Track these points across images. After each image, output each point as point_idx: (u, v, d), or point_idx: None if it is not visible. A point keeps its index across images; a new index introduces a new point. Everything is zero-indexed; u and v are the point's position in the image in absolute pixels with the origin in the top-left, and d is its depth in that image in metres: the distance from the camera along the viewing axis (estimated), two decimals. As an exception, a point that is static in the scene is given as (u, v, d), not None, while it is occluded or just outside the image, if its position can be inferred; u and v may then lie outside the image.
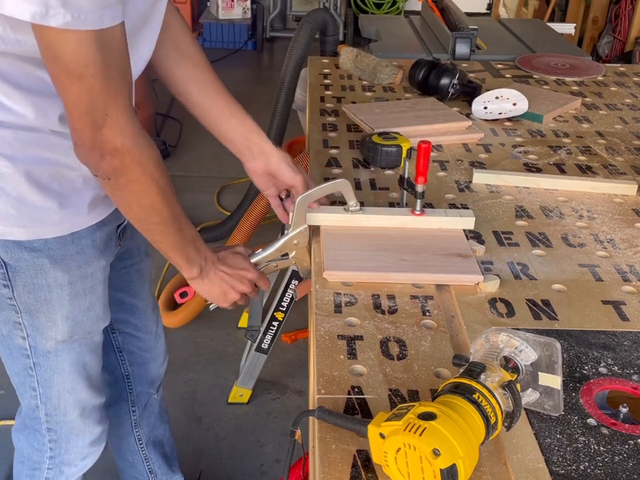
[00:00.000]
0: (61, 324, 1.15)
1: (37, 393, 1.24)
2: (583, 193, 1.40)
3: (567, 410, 0.84)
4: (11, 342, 1.17)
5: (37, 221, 1.05)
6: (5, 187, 1.02)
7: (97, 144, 0.91)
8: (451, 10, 2.71)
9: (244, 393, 2.26)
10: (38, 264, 1.08)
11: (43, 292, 1.11)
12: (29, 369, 1.20)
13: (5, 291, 1.10)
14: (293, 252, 1.21)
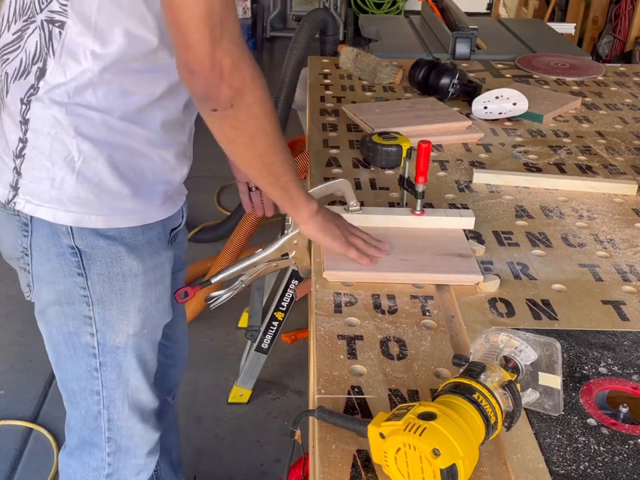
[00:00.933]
0: (133, 316, 1.11)
1: (101, 397, 1.17)
2: (583, 192, 1.40)
3: (567, 410, 0.84)
4: (77, 340, 1.11)
5: (114, 209, 1.03)
6: (86, 171, 0.99)
7: (217, 60, 0.86)
8: (451, 10, 2.71)
9: (244, 392, 2.26)
10: (114, 251, 1.05)
11: (117, 281, 1.07)
12: (93, 371, 1.14)
13: (78, 280, 1.05)
14: (292, 252, 1.21)
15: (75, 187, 0.99)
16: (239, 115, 0.92)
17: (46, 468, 2.00)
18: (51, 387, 2.31)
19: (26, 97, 0.97)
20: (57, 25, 0.94)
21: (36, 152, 0.98)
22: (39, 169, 0.98)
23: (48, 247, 1.03)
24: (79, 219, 1.01)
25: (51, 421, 2.17)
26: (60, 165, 0.98)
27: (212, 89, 0.89)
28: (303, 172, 1.82)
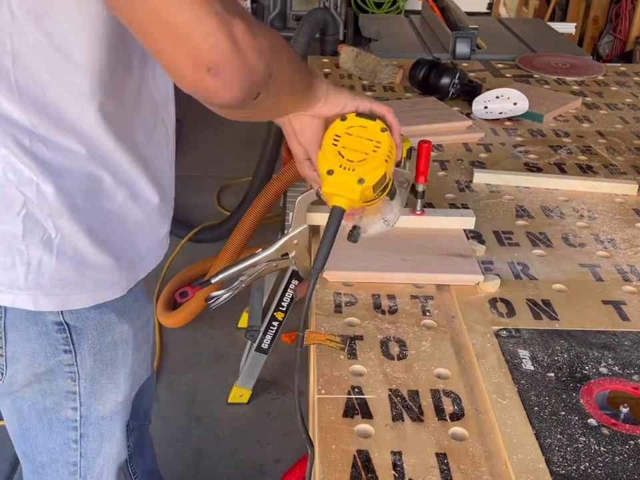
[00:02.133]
0: (123, 382, 1.03)
1: (77, 468, 1.07)
2: (584, 192, 1.40)
3: (568, 410, 0.84)
4: (54, 415, 1.01)
5: (100, 283, 0.92)
6: (66, 249, 0.87)
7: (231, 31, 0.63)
8: (451, 9, 2.71)
9: (244, 393, 2.26)
10: (105, 320, 0.95)
11: (109, 351, 0.98)
12: (71, 443, 1.04)
13: (64, 357, 0.95)
14: (293, 252, 1.20)
15: (55, 268, 0.87)
16: (278, 77, 0.73)
17: (46, 468, 2.00)
18: (51, 387, 2.31)
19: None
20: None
21: (5, 235, 0.85)
22: (10, 254, 0.85)
23: (27, 327, 0.92)
24: (63, 302, 0.90)
25: (51, 421, 2.17)
26: (36, 246, 0.85)
27: (250, 74, 0.67)
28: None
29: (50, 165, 0.83)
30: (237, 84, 0.66)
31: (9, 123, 0.80)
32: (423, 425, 0.82)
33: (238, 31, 0.64)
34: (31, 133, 0.81)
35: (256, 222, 2.41)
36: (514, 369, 0.90)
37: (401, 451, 0.78)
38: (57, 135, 0.82)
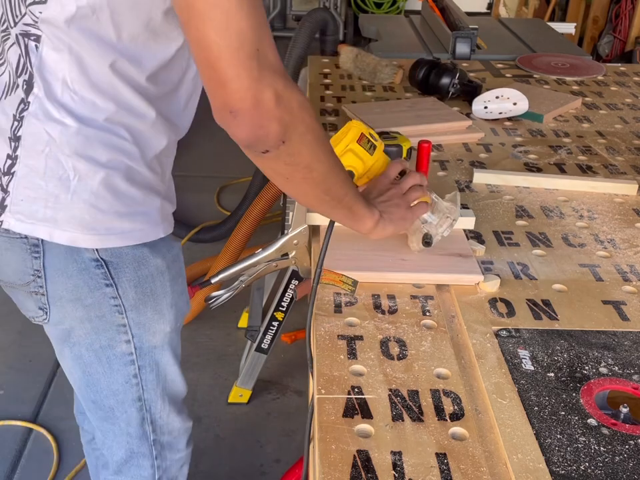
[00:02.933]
0: (167, 313, 1.10)
1: (142, 402, 1.14)
2: (584, 192, 1.40)
3: (568, 410, 0.84)
4: (111, 352, 1.07)
5: (110, 229, 0.98)
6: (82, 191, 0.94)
7: (259, 94, 0.77)
8: (451, 9, 2.71)
9: (244, 393, 2.26)
10: (139, 255, 1.02)
11: (147, 283, 1.05)
12: (132, 378, 1.11)
13: (107, 290, 1.01)
14: (292, 252, 1.20)
15: (69, 206, 0.94)
16: (292, 149, 0.85)
17: (46, 468, 2.00)
18: (51, 386, 2.31)
19: (18, 112, 0.93)
20: (32, 38, 0.90)
21: (28, 170, 0.94)
22: (31, 188, 0.94)
23: (66, 265, 0.98)
24: (73, 239, 0.96)
25: (51, 421, 2.17)
26: (54, 184, 0.93)
27: (259, 129, 0.80)
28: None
29: (75, 112, 0.92)
30: (247, 128, 0.80)
31: (49, 71, 0.90)
32: (423, 425, 0.82)
33: (264, 96, 0.78)
34: (65, 83, 0.90)
35: (256, 222, 2.41)
36: (514, 369, 0.90)
37: (401, 451, 0.78)
38: (87, 91, 0.91)
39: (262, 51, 0.78)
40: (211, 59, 0.77)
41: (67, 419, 2.14)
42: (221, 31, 0.75)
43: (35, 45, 0.90)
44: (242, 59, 0.76)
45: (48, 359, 2.40)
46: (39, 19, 0.88)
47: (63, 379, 2.32)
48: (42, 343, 2.50)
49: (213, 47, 0.76)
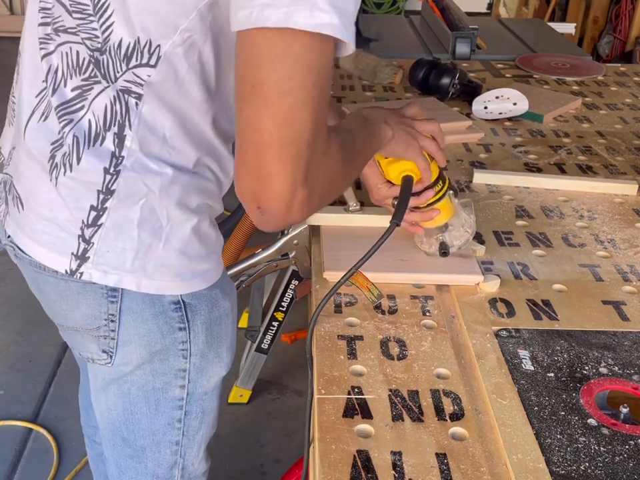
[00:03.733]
0: (225, 356, 1.06)
1: (179, 447, 1.08)
2: (584, 192, 1.40)
3: (568, 410, 0.84)
4: (162, 395, 1.02)
5: (194, 272, 0.95)
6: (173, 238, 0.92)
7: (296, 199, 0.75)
8: (451, 9, 2.71)
9: (244, 393, 2.26)
10: (213, 296, 0.99)
11: (215, 326, 1.01)
12: (176, 422, 1.06)
13: (179, 335, 0.98)
14: (293, 252, 1.21)
15: (161, 255, 0.91)
16: (314, 207, 0.82)
17: (46, 468, 2.00)
18: (51, 387, 2.31)
19: (112, 166, 0.87)
20: (133, 96, 0.84)
21: (119, 221, 0.89)
22: (122, 239, 0.89)
23: (142, 309, 0.94)
24: (162, 286, 0.93)
25: (51, 421, 2.17)
26: (147, 233, 0.89)
27: (286, 224, 0.80)
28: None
29: (174, 163, 0.89)
30: (272, 226, 0.80)
31: (148, 129, 0.86)
32: (423, 425, 0.82)
33: (300, 198, 0.75)
34: (164, 139, 0.87)
35: (256, 222, 2.40)
36: (514, 369, 0.90)
37: (401, 450, 0.78)
38: (187, 145, 0.89)
39: (314, 143, 0.74)
40: (258, 145, 0.72)
41: (67, 419, 2.15)
42: (281, 121, 0.70)
43: (136, 103, 0.85)
44: (290, 155, 0.72)
45: (48, 359, 2.40)
46: (145, 82, 0.83)
47: (63, 379, 2.34)
48: (42, 343, 2.50)
49: (265, 134, 0.71)
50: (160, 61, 0.81)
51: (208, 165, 0.93)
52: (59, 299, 0.95)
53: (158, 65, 0.82)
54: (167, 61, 0.81)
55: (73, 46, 0.85)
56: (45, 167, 0.89)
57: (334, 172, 0.82)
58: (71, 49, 0.85)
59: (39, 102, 0.90)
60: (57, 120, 0.87)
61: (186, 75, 0.83)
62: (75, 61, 0.85)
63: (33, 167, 0.91)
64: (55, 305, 0.97)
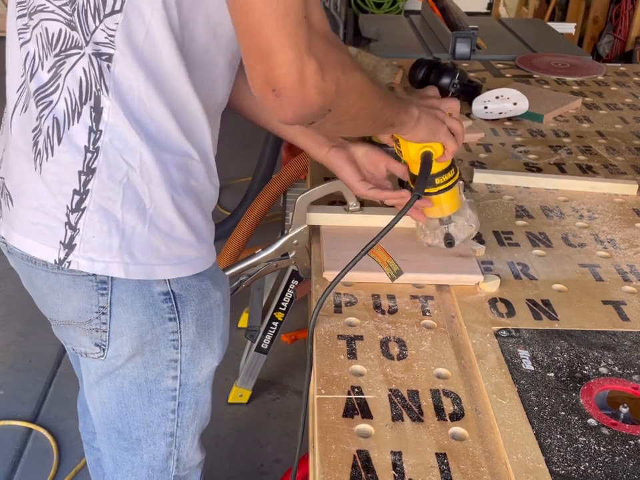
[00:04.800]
0: (217, 347, 1.07)
1: (173, 439, 1.08)
2: (584, 192, 1.40)
3: (568, 410, 0.84)
4: (155, 387, 1.02)
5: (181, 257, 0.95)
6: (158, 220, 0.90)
7: (305, 67, 0.73)
8: (451, 9, 2.71)
9: (244, 393, 2.26)
10: (203, 287, 0.98)
11: (206, 317, 1.01)
12: (169, 413, 1.05)
13: (169, 325, 0.97)
14: (293, 252, 1.21)
15: (147, 237, 0.90)
16: (338, 115, 0.82)
17: (46, 468, 2.00)
18: (51, 387, 2.31)
19: (90, 143, 0.85)
20: (104, 58, 0.83)
21: (102, 203, 0.87)
22: (106, 221, 0.88)
23: (133, 300, 0.94)
24: (149, 272, 0.92)
25: (51, 421, 2.17)
26: (132, 214, 0.88)
27: (305, 108, 0.77)
28: (303, 172, 1.82)
29: (151, 134, 0.87)
30: (292, 109, 0.77)
31: (125, 91, 0.84)
32: (423, 425, 0.82)
33: (309, 70, 0.74)
34: (141, 102, 0.85)
35: (256, 222, 2.41)
36: (514, 369, 0.90)
37: (401, 450, 0.78)
38: (162, 109, 0.86)
39: (309, 18, 0.72)
40: (254, 26, 0.71)
41: (67, 419, 2.15)
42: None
43: (107, 65, 0.83)
44: (288, 27, 0.71)
45: (48, 358, 2.40)
46: (114, 33, 0.82)
47: (63, 379, 2.34)
48: (42, 343, 2.50)
49: (257, 12, 0.70)
50: (125, 3, 0.81)
51: (193, 141, 0.91)
52: (50, 292, 0.95)
53: (123, 8, 0.81)
54: (132, 3, 0.81)
55: (44, 23, 0.85)
56: (29, 157, 0.89)
57: (346, 62, 0.81)
58: (42, 28, 0.85)
59: (19, 95, 0.90)
60: (35, 105, 0.87)
61: (152, 20, 0.82)
62: (47, 39, 0.85)
63: (19, 160, 0.91)
64: (47, 299, 0.97)
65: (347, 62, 0.81)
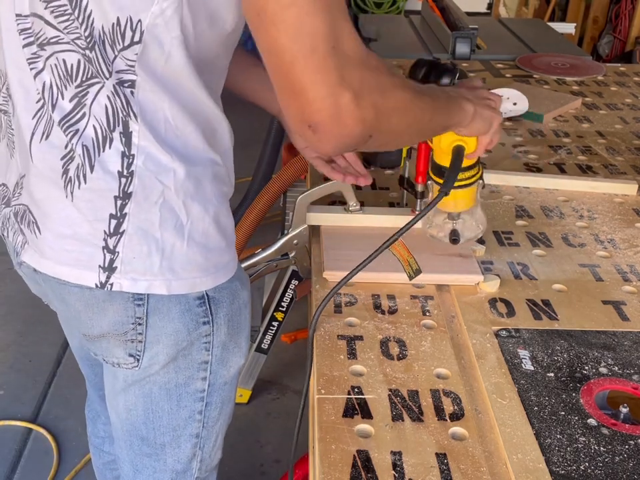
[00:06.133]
0: (244, 346, 1.06)
1: (199, 439, 1.08)
2: (583, 192, 1.40)
3: (567, 410, 0.84)
4: (184, 390, 1.02)
5: (217, 265, 0.95)
6: (195, 234, 0.90)
7: (338, 99, 0.73)
8: (451, 9, 2.71)
9: (244, 393, 2.26)
10: (233, 288, 0.98)
11: (236, 317, 1.01)
12: (196, 414, 1.05)
13: (203, 329, 0.97)
14: (293, 252, 1.21)
15: (186, 253, 0.90)
16: (380, 137, 0.82)
17: (46, 468, 2.00)
18: (51, 387, 2.31)
19: (124, 168, 0.85)
20: (126, 85, 0.83)
21: (140, 225, 0.87)
22: (145, 243, 0.88)
23: (169, 308, 0.93)
24: (192, 285, 0.92)
25: (51, 421, 2.17)
26: (170, 233, 0.88)
27: (343, 138, 0.77)
28: (303, 172, 1.82)
29: (181, 152, 0.87)
30: (331, 143, 0.77)
31: (150, 115, 0.84)
32: (423, 425, 0.82)
33: (344, 101, 0.74)
34: (167, 123, 0.85)
35: (256, 222, 2.40)
36: (514, 369, 0.90)
37: (401, 450, 0.78)
38: (188, 126, 0.87)
39: (339, 47, 0.72)
40: (284, 65, 0.72)
41: (67, 419, 2.15)
42: (293, 33, 0.70)
43: (131, 92, 0.83)
44: (317, 62, 0.71)
45: (48, 359, 2.40)
46: (135, 62, 0.81)
47: (63, 379, 2.34)
48: (42, 343, 2.50)
49: (285, 52, 0.71)
50: (143, 35, 0.80)
51: (215, 147, 0.92)
52: (85, 308, 0.94)
53: (142, 39, 0.81)
54: (150, 33, 0.80)
55: (59, 55, 0.84)
56: (58, 184, 0.88)
57: (385, 83, 0.80)
58: (58, 59, 0.84)
59: (37, 123, 0.88)
60: (63, 134, 0.86)
61: (171, 47, 0.82)
62: (64, 70, 0.85)
63: (45, 188, 0.89)
64: (81, 314, 0.96)
65: (385, 83, 0.81)
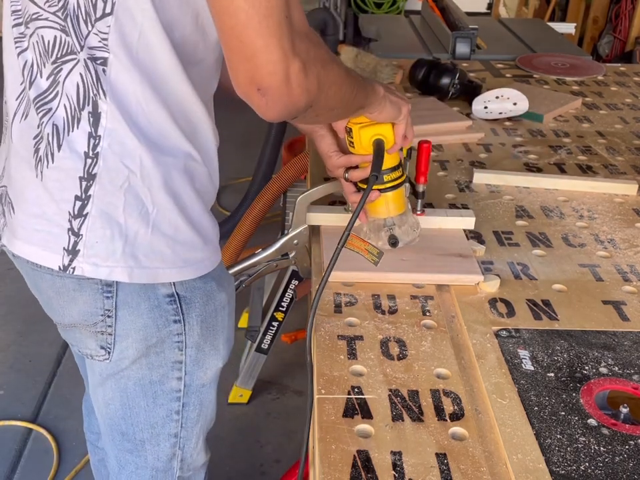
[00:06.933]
0: (222, 349, 1.07)
1: (177, 439, 1.08)
2: (584, 192, 1.40)
3: (568, 410, 0.84)
4: (159, 388, 1.02)
5: (187, 260, 0.95)
6: (161, 223, 0.90)
7: (290, 66, 0.76)
8: (451, 9, 2.71)
9: (244, 393, 2.26)
10: (208, 289, 0.98)
11: (211, 319, 1.01)
12: (174, 414, 1.06)
13: (174, 327, 0.97)
14: (293, 252, 1.21)
15: (150, 241, 0.89)
16: (318, 109, 0.86)
17: (46, 468, 2.00)
18: (51, 387, 2.31)
19: (90, 149, 0.86)
20: (99, 62, 0.83)
21: (104, 208, 0.87)
22: (109, 227, 0.88)
23: (138, 303, 0.94)
24: (154, 275, 0.91)
25: (51, 421, 2.17)
26: (134, 219, 0.88)
27: (289, 106, 0.79)
28: (303, 172, 1.82)
29: (151, 138, 0.87)
30: (277, 108, 0.79)
31: (122, 95, 0.84)
32: (423, 425, 0.82)
33: (294, 69, 0.76)
34: (139, 105, 0.85)
35: (256, 222, 2.40)
36: (514, 369, 0.90)
37: (401, 450, 0.78)
38: (161, 111, 0.87)
39: (290, 18, 0.74)
40: (237, 27, 0.73)
41: (67, 419, 2.15)
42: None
43: (103, 69, 0.83)
44: (271, 27, 0.73)
45: (48, 359, 2.40)
46: (107, 36, 0.82)
47: (63, 379, 2.34)
48: (42, 343, 2.50)
49: (240, 13, 0.72)
50: (115, 6, 0.81)
51: (194, 142, 0.91)
52: (56, 295, 0.95)
53: (114, 10, 0.81)
54: (122, 5, 0.81)
55: (39, 31, 0.85)
56: (30, 164, 0.89)
57: (325, 58, 0.83)
58: (38, 36, 0.85)
59: (19, 103, 0.90)
60: (36, 113, 0.87)
61: (144, 21, 0.82)
62: (43, 46, 0.85)
63: (20, 168, 0.91)
64: (52, 302, 0.97)
65: (325, 57, 0.84)
